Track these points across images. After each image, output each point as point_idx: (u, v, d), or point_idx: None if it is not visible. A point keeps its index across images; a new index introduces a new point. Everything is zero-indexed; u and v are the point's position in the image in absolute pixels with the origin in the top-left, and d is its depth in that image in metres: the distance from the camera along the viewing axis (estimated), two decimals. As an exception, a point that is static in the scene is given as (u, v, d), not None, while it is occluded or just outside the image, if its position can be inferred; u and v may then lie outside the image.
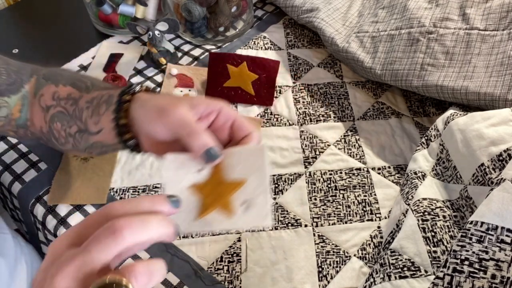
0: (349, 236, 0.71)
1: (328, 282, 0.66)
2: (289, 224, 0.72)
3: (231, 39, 1.04)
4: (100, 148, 0.53)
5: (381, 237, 0.70)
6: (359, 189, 0.77)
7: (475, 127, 0.67)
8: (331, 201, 0.75)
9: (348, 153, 0.82)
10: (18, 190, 0.78)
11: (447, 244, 0.60)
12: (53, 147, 0.60)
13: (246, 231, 0.71)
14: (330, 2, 1.03)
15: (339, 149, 0.83)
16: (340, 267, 0.67)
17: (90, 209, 0.75)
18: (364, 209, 0.74)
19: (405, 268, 0.59)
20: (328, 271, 0.67)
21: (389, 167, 0.80)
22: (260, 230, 0.71)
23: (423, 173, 0.72)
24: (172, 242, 0.70)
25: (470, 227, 0.55)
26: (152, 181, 0.78)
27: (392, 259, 0.61)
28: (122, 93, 0.49)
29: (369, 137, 0.85)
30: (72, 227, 0.36)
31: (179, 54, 1.02)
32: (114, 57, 1.01)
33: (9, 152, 0.83)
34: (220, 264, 0.68)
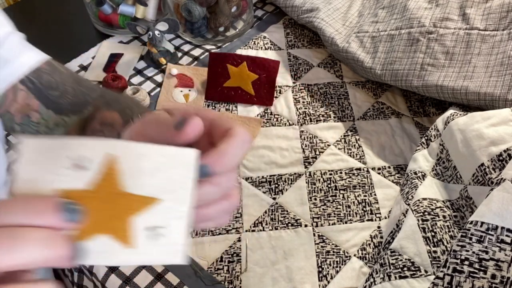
0: (349, 236, 0.71)
1: (328, 282, 0.66)
2: (289, 224, 0.72)
3: (231, 39, 1.04)
4: None
5: (381, 237, 0.70)
6: (359, 189, 0.76)
7: (475, 127, 0.67)
8: (331, 201, 0.75)
9: (348, 153, 0.82)
10: None
11: (447, 244, 0.60)
12: None
13: (246, 231, 0.71)
14: (330, 2, 1.03)
15: (339, 149, 0.83)
16: (340, 267, 0.67)
17: None
18: (364, 209, 0.74)
19: (405, 268, 0.59)
20: (328, 271, 0.67)
21: (389, 167, 0.80)
22: (260, 230, 0.71)
23: (423, 173, 0.72)
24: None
25: (470, 227, 0.55)
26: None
27: (392, 259, 0.61)
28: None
29: (369, 137, 0.85)
30: None
31: (179, 54, 1.02)
32: (114, 57, 1.01)
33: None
34: (220, 264, 0.68)
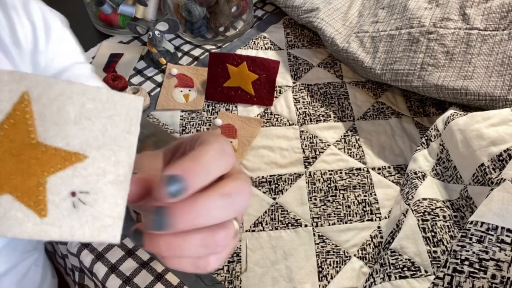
0: (349, 236, 0.71)
1: (328, 282, 0.66)
2: (289, 224, 0.72)
3: (231, 39, 1.04)
4: None
5: (381, 237, 0.70)
6: (359, 189, 0.76)
7: (475, 127, 0.67)
8: (331, 201, 0.75)
9: (348, 153, 0.82)
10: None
11: (447, 244, 0.60)
12: None
13: (246, 231, 0.71)
14: (330, 2, 1.03)
15: (339, 149, 0.83)
16: (340, 267, 0.67)
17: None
18: (364, 209, 0.74)
19: (405, 268, 0.59)
20: (328, 271, 0.67)
21: (389, 167, 0.80)
22: (260, 230, 0.71)
23: (423, 173, 0.72)
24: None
25: (470, 227, 0.55)
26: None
27: (392, 259, 0.61)
28: None
29: (369, 137, 0.85)
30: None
31: (179, 54, 1.02)
32: (114, 57, 1.01)
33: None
34: (220, 264, 0.68)
